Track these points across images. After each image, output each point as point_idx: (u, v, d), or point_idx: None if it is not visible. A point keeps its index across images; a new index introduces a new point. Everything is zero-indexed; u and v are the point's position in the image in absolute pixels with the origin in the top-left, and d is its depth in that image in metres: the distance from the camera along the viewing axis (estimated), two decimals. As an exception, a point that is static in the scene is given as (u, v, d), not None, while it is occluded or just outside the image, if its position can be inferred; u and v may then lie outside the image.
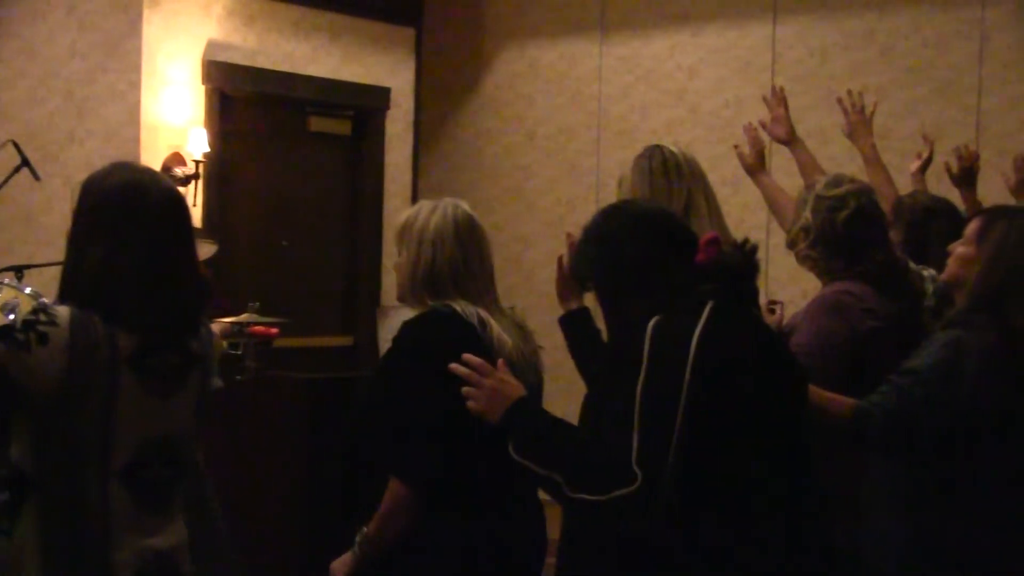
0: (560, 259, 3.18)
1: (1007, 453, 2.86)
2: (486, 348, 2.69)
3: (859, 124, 4.26)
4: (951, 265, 3.03)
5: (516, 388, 2.40)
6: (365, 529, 2.79)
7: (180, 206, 2.44)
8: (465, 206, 2.86)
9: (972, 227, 3.01)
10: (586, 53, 7.85)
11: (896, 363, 2.90)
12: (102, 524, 2.29)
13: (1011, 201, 4.48)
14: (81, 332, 2.24)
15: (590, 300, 3.24)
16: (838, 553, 2.93)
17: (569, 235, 3.24)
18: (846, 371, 3.00)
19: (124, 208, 2.34)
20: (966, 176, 4.35)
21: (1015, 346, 2.83)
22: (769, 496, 2.29)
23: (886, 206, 3.94)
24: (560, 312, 3.18)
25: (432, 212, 2.83)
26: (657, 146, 3.33)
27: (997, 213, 3.03)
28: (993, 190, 4.87)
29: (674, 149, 3.32)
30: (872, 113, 4.28)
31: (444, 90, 8.38)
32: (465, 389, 2.41)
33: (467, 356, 2.46)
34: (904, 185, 4.50)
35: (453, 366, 2.47)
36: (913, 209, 3.80)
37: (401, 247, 2.88)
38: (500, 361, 2.48)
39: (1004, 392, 2.83)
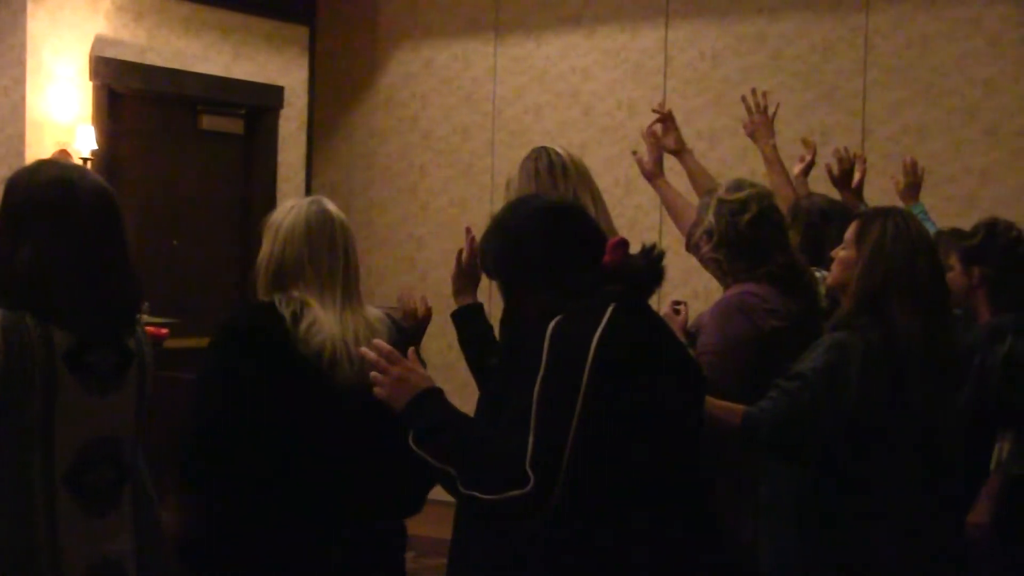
0: (459, 253, 3.18)
1: (890, 455, 2.91)
2: (292, 340, 2.61)
3: (761, 124, 4.32)
4: (834, 269, 3.09)
5: (423, 379, 2.38)
6: None
7: (110, 202, 2.41)
8: (326, 203, 2.80)
9: (851, 231, 3.07)
10: (480, 54, 7.86)
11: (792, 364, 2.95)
12: (50, 531, 2.25)
13: (898, 203, 4.59)
14: (13, 333, 2.21)
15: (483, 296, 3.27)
16: (740, 552, 2.99)
17: (468, 230, 3.24)
18: (751, 370, 3.04)
19: (53, 206, 2.30)
20: (846, 179, 4.44)
21: (896, 346, 2.89)
22: (664, 498, 2.31)
23: (785, 207, 4.00)
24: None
25: (290, 210, 2.80)
26: (544, 148, 3.35)
27: (873, 215, 3.09)
28: (878, 194, 4.99)
29: (560, 151, 3.35)
30: (774, 114, 4.34)
31: (338, 89, 8.32)
32: (372, 375, 2.39)
33: (376, 342, 2.42)
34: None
35: (362, 350, 2.45)
36: (810, 211, 3.87)
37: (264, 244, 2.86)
38: (410, 350, 2.46)
39: (887, 393, 2.88)
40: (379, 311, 2.88)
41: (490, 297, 3.23)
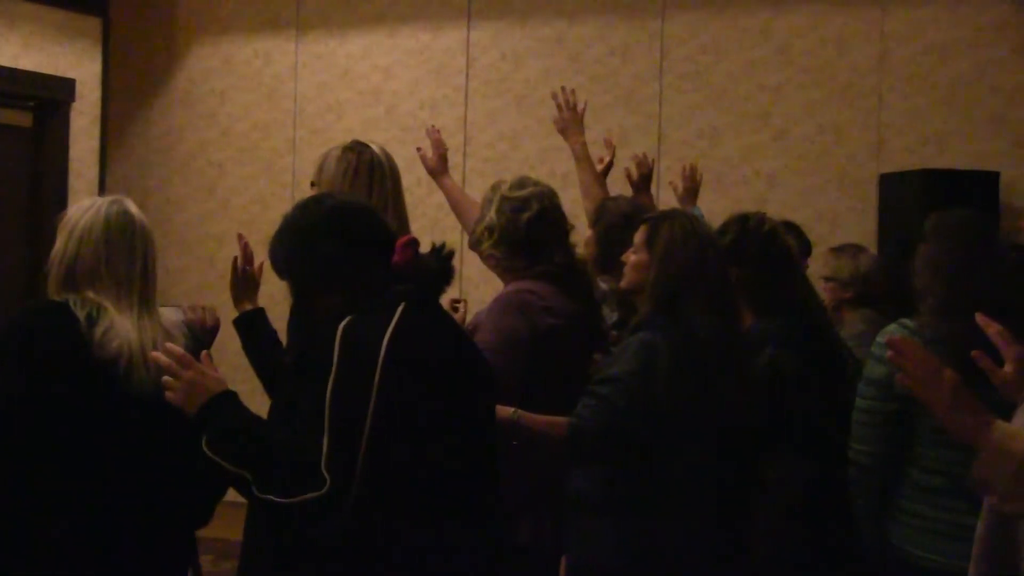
0: (234, 260, 3.15)
1: (698, 448, 2.97)
2: (86, 343, 2.56)
3: (571, 121, 4.36)
4: (628, 273, 3.14)
5: (217, 382, 2.35)
6: None
7: None
8: (127, 204, 2.74)
9: (640, 234, 3.13)
10: (282, 50, 7.76)
11: (575, 360, 2.99)
12: None
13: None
14: None
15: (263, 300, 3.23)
16: (536, 552, 3.02)
17: (241, 236, 3.21)
18: (527, 367, 3.07)
19: None
20: (644, 182, 4.55)
21: (698, 343, 2.96)
22: (457, 495, 2.33)
23: (592, 205, 4.06)
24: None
25: (88, 208, 2.72)
26: (366, 145, 3.30)
27: (661, 218, 3.16)
28: (673, 197, 5.13)
29: (377, 150, 3.30)
30: (583, 111, 4.39)
31: (133, 83, 8.09)
32: (164, 379, 2.34)
33: (169, 346, 2.39)
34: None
35: (154, 354, 2.40)
36: (614, 213, 3.92)
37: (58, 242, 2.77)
38: (204, 354, 2.42)
39: (692, 389, 2.95)
40: (175, 315, 2.83)
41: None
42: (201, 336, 2.86)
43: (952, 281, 2.99)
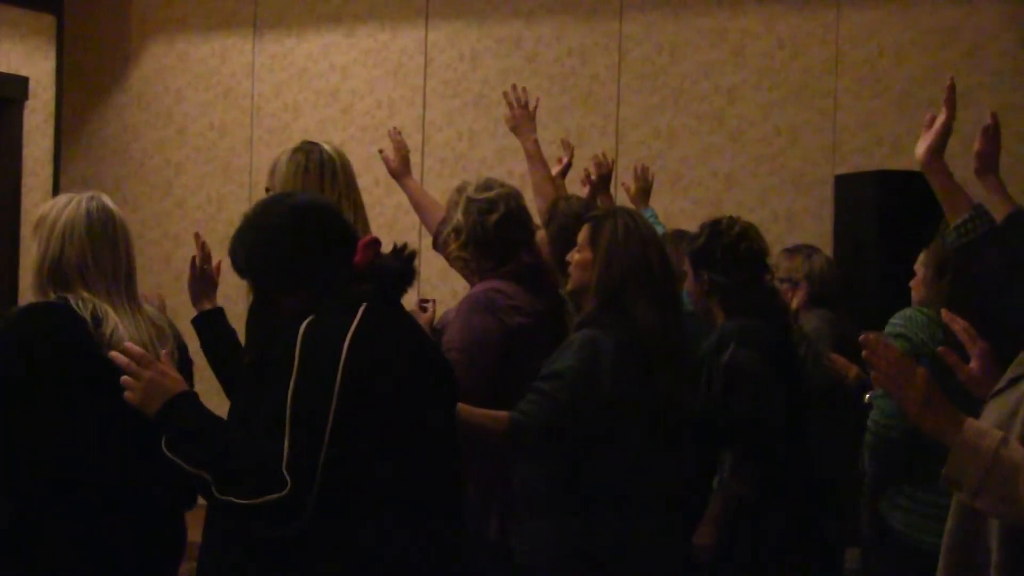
0: (193, 259, 3.15)
1: (640, 444, 2.99)
2: (96, 344, 2.57)
3: (523, 119, 4.36)
4: (573, 273, 3.16)
5: (177, 383, 2.34)
6: None
7: None
8: (105, 200, 2.74)
9: (583, 234, 3.15)
10: (239, 49, 7.72)
11: (543, 359, 2.99)
12: None
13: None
14: None
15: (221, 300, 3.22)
16: (495, 550, 3.02)
17: (197, 235, 3.20)
18: (496, 366, 3.08)
19: None
20: (604, 183, 4.57)
21: (642, 340, 2.98)
22: (420, 496, 2.33)
23: (544, 203, 4.07)
24: None
25: (67, 205, 2.70)
26: (316, 144, 3.29)
27: (603, 217, 3.18)
28: (628, 197, 5.15)
29: (329, 148, 3.29)
30: (535, 109, 4.40)
31: (88, 81, 8.02)
32: (123, 379, 2.33)
33: (128, 345, 2.38)
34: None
35: (113, 354, 2.38)
36: (567, 214, 3.93)
37: (34, 240, 2.75)
38: (164, 353, 2.41)
39: (635, 385, 2.96)
40: (154, 309, 2.83)
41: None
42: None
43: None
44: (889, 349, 2.03)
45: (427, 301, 3.72)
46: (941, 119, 2.42)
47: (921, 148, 2.42)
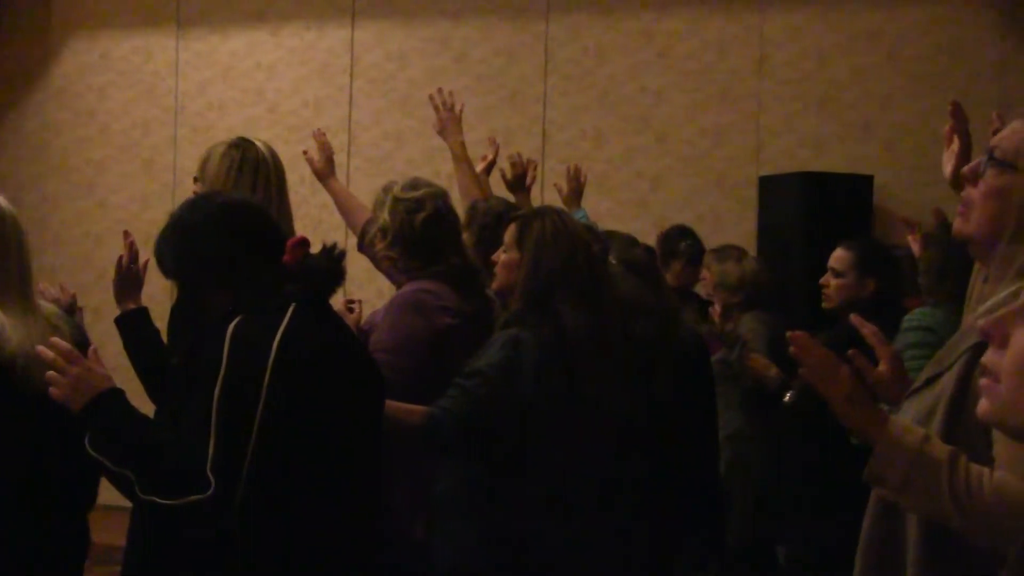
0: (120, 258, 3.11)
1: (564, 446, 2.97)
2: None
3: (449, 122, 4.37)
4: (499, 273, 3.15)
5: (104, 380, 2.30)
6: None
7: None
8: (1, 200, 2.69)
9: (510, 233, 3.14)
10: (162, 47, 7.64)
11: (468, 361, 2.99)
12: None
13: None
14: None
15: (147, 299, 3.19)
16: (420, 551, 3.01)
17: (127, 234, 3.16)
18: (425, 366, 3.07)
19: None
20: (519, 182, 4.58)
21: (566, 340, 2.98)
22: (345, 496, 2.32)
23: (469, 203, 4.06)
24: None
25: None
26: (252, 142, 3.26)
27: (530, 216, 3.16)
28: (556, 197, 5.17)
29: (262, 147, 3.26)
30: (461, 111, 4.40)
31: (7, 78, 7.89)
32: (49, 374, 2.29)
33: (54, 340, 2.33)
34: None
35: (40, 349, 2.34)
36: (487, 213, 3.93)
37: None
38: (91, 349, 2.37)
39: (557, 384, 2.95)
40: (55, 308, 2.77)
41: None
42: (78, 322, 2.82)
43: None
44: (815, 347, 2.05)
45: (354, 302, 3.70)
46: (958, 142, 2.45)
47: (948, 169, 2.47)
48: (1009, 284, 1.95)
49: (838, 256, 4.10)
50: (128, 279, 3.15)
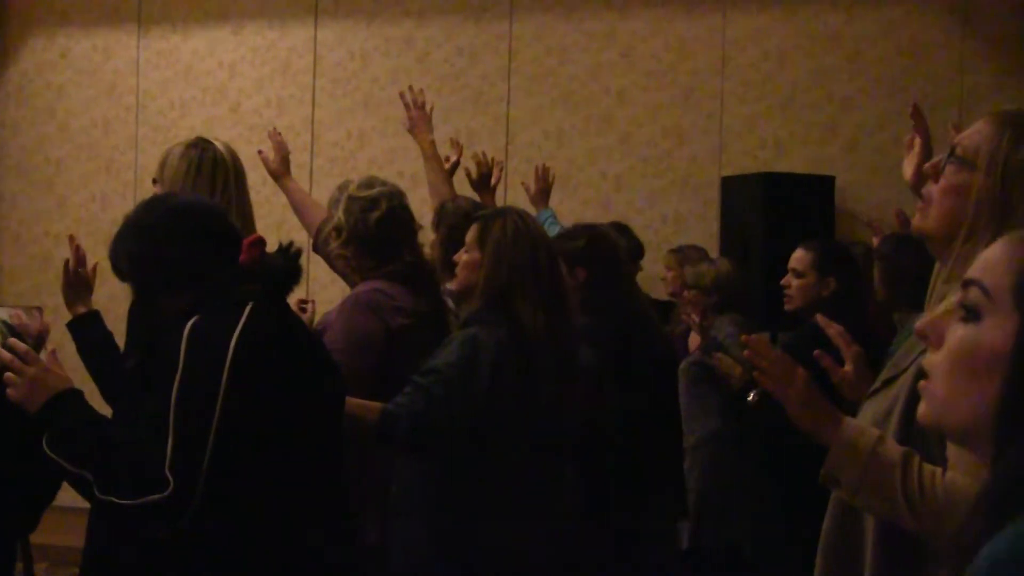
0: (66, 263, 3.10)
1: (518, 448, 2.96)
2: None
3: (419, 120, 4.37)
4: (460, 273, 3.15)
5: (61, 380, 2.28)
6: None
7: None
8: None
9: (471, 233, 3.14)
10: (123, 45, 7.58)
11: (425, 360, 2.98)
12: None
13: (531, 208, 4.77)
14: None
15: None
16: (370, 552, 3.00)
17: (72, 238, 3.14)
18: (378, 366, 3.06)
19: None
20: (484, 182, 4.58)
21: (524, 341, 2.98)
22: (304, 497, 2.31)
23: (438, 203, 4.06)
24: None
25: None
26: (210, 143, 3.24)
27: (492, 216, 3.17)
28: (521, 197, 5.17)
29: (222, 148, 3.24)
30: (431, 110, 4.41)
31: (-35, 76, 7.81)
32: (6, 375, 2.27)
33: (12, 341, 2.32)
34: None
35: None
36: (455, 213, 3.93)
37: None
38: (51, 350, 2.36)
39: (516, 385, 2.95)
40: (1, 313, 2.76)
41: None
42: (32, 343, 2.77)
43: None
44: (770, 350, 2.07)
45: (306, 302, 3.69)
46: (919, 144, 2.46)
47: (908, 172, 2.47)
48: None
49: (798, 257, 4.13)
50: (76, 284, 3.14)
